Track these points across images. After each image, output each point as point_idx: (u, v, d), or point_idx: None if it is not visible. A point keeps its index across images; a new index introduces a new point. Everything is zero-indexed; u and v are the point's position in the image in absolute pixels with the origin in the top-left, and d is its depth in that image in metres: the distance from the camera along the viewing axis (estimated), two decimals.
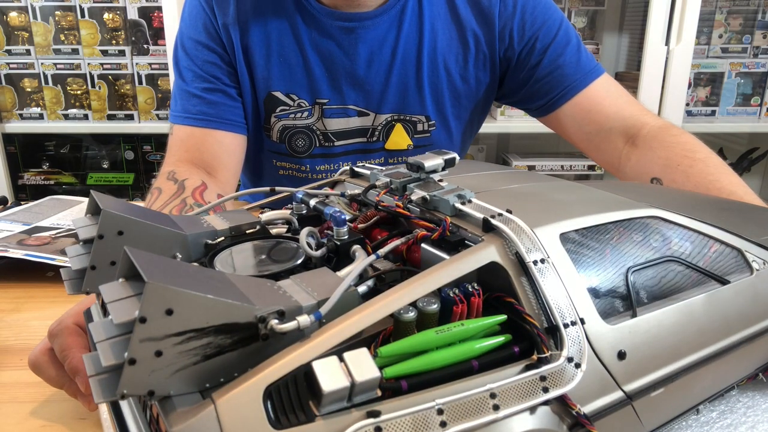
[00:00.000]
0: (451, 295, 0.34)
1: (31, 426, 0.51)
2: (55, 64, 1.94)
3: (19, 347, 0.63)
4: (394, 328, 0.33)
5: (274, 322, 0.28)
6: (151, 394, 0.27)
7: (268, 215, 0.47)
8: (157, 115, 1.98)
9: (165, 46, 1.87)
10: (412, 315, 0.33)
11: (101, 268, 0.38)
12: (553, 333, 0.34)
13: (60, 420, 0.51)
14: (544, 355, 0.33)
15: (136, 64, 1.94)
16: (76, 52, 1.93)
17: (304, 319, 0.29)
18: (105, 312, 0.34)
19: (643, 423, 0.39)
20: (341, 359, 0.29)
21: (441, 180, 0.44)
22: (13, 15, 1.93)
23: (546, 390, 0.32)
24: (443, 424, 0.29)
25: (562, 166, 2.00)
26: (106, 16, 1.92)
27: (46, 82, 1.95)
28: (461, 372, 0.32)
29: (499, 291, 0.36)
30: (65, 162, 2.13)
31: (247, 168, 1.08)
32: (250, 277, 0.33)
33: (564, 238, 0.38)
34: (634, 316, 0.38)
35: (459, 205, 0.40)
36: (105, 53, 1.93)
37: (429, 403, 0.29)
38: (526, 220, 0.37)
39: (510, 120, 1.93)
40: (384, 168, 0.50)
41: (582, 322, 0.35)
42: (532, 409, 0.32)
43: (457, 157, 0.45)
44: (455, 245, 0.38)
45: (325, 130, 0.99)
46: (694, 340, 0.41)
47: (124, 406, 0.35)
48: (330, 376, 0.28)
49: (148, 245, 0.39)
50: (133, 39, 1.93)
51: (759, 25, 1.93)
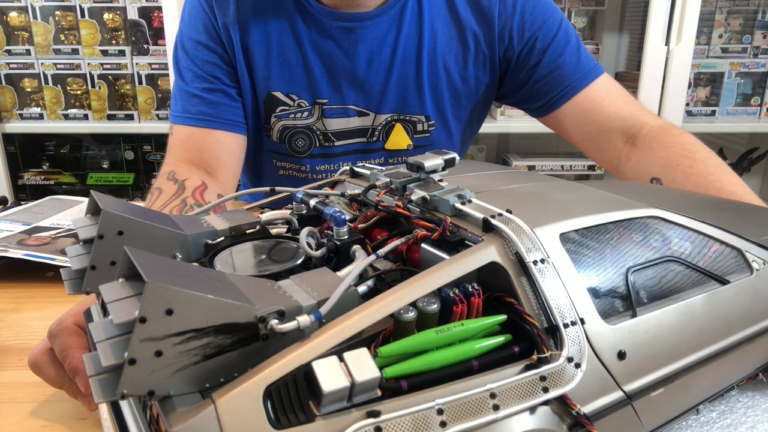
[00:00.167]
0: (451, 295, 0.34)
1: (31, 426, 0.51)
2: (55, 64, 1.94)
3: (19, 347, 0.63)
4: (394, 328, 0.33)
5: (274, 322, 0.28)
6: (151, 394, 0.27)
7: (268, 215, 0.47)
8: (157, 115, 1.98)
9: (165, 46, 1.87)
10: (412, 315, 0.33)
11: (101, 268, 0.38)
12: (553, 333, 0.34)
13: (60, 420, 0.51)
14: (544, 355, 0.33)
15: (136, 64, 1.94)
16: (76, 52, 1.93)
17: (304, 319, 0.29)
18: (105, 312, 0.34)
19: (643, 423, 0.39)
20: (341, 359, 0.29)
21: (441, 180, 0.44)
22: (13, 15, 1.93)
23: (546, 390, 0.32)
24: (443, 424, 0.29)
25: (562, 166, 2.00)
26: (106, 16, 1.92)
27: (46, 82, 1.95)
28: (461, 372, 0.32)
29: (499, 291, 0.36)
30: (65, 162, 2.13)
31: (247, 168, 1.08)
32: (250, 277, 0.33)
33: (564, 238, 0.38)
34: (634, 316, 0.38)
35: (459, 205, 0.40)
36: (105, 53, 1.93)
37: (429, 403, 0.29)
38: (526, 220, 0.37)
39: (510, 120, 1.93)
40: (384, 168, 0.50)
41: (582, 322, 0.35)
42: (532, 409, 0.32)
43: (457, 157, 0.45)
44: (455, 245, 0.38)
45: (325, 130, 0.99)
46: (694, 340, 0.41)
47: (124, 406, 0.35)
48: (330, 376, 0.28)
49: (148, 245, 0.39)
50: (133, 39, 1.93)
51: (759, 25, 1.93)
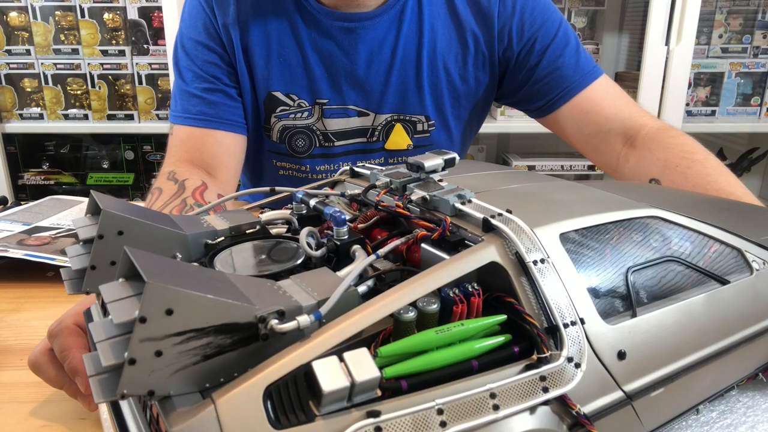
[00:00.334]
0: (451, 295, 0.34)
1: (31, 426, 0.51)
2: (55, 64, 1.94)
3: (19, 347, 0.63)
4: (394, 328, 0.33)
5: (274, 322, 0.28)
6: (151, 394, 0.27)
7: (268, 215, 0.47)
8: (157, 115, 1.98)
9: (165, 46, 1.87)
10: (412, 315, 0.33)
11: (101, 268, 0.38)
12: (553, 333, 0.34)
13: (60, 420, 0.51)
14: (544, 355, 0.33)
15: (136, 64, 1.94)
16: (76, 52, 1.93)
17: (304, 319, 0.29)
18: (105, 312, 0.34)
19: (643, 423, 0.39)
20: (341, 359, 0.29)
21: (441, 180, 0.44)
22: (13, 15, 1.93)
23: (546, 390, 0.32)
24: (443, 424, 0.29)
25: (562, 166, 2.00)
26: (106, 16, 1.92)
27: (46, 82, 1.95)
28: (461, 372, 0.32)
29: (499, 291, 0.36)
30: (65, 162, 2.13)
31: (247, 168, 1.08)
32: (250, 277, 0.33)
33: (564, 238, 0.38)
34: (634, 316, 0.38)
35: (459, 205, 0.40)
36: (105, 53, 1.93)
37: (429, 403, 0.29)
38: (526, 220, 0.37)
39: (510, 120, 1.93)
40: (384, 168, 0.50)
41: (582, 322, 0.35)
42: (532, 409, 0.32)
43: (457, 157, 0.45)
44: (455, 245, 0.38)
45: (325, 130, 0.99)
46: (694, 340, 0.41)
47: (124, 406, 0.35)
48: (330, 376, 0.28)
49: (148, 245, 0.39)
50: (133, 39, 1.93)
51: (759, 25, 1.93)
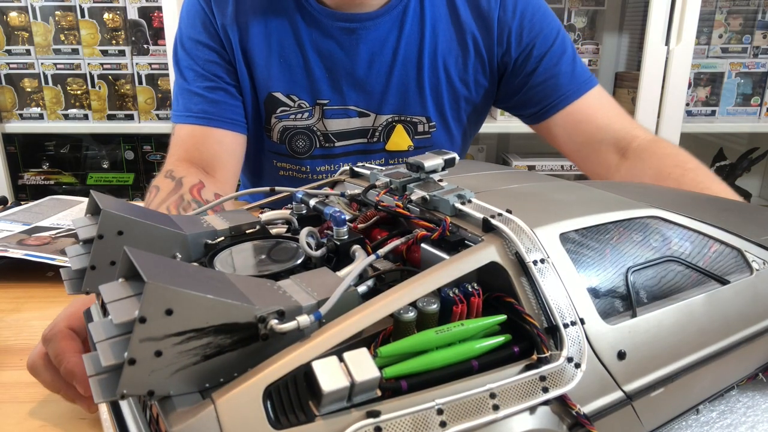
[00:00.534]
0: (451, 295, 0.34)
1: (31, 426, 0.51)
2: (55, 64, 1.93)
3: (19, 347, 0.63)
4: (394, 328, 0.33)
5: (274, 322, 0.28)
6: (151, 394, 0.27)
7: (268, 215, 0.47)
8: (157, 115, 1.98)
9: (165, 46, 1.87)
10: (412, 315, 0.33)
11: (101, 268, 0.38)
12: (553, 333, 0.34)
13: (59, 420, 0.51)
14: (543, 355, 0.33)
15: (136, 64, 1.94)
16: (76, 52, 1.93)
17: (304, 319, 0.29)
18: (105, 312, 0.34)
19: (643, 423, 0.39)
20: (341, 359, 0.29)
21: (441, 180, 0.44)
22: (13, 15, 1.93)
23: (546, 390, 0.32)
24: (443, 424, 0.29)
25: (562, 166, 2.00)
26: (106, 16, 1.92)
27: (46, 82, 1.95)
28: (461, 372, 0.32)
29: (499, 291, 0.36)
30: (65, 162, 2.13)
31: (247, 168, 1.08)
32: (249, 277, 0.33)
33: (564, 238, 0.38)
34: (634, 316, 0.38)
35: (459, 205, 0.40)
36: (105, 53, 1.93)
37: (429, 403, 0.29)
38: (526, 220, 0.37)
39: (510, 120, 1.93)
40: (384, 168, 0.50)
41: (582, 322, 0.35)
42: (532, 409, 0.32)
43: (457, 157, 0.45)
44: (455, 245, 0.38)
45: (326, 130, 0.98)
46: (694, 340, 0.41)
47: (124, 406, 0.35)
48: (330, 376, 0.28)
49: (148, 245, 0.39)
50: (133, 39, 1.93)
51: (759, 25, 1.93)
